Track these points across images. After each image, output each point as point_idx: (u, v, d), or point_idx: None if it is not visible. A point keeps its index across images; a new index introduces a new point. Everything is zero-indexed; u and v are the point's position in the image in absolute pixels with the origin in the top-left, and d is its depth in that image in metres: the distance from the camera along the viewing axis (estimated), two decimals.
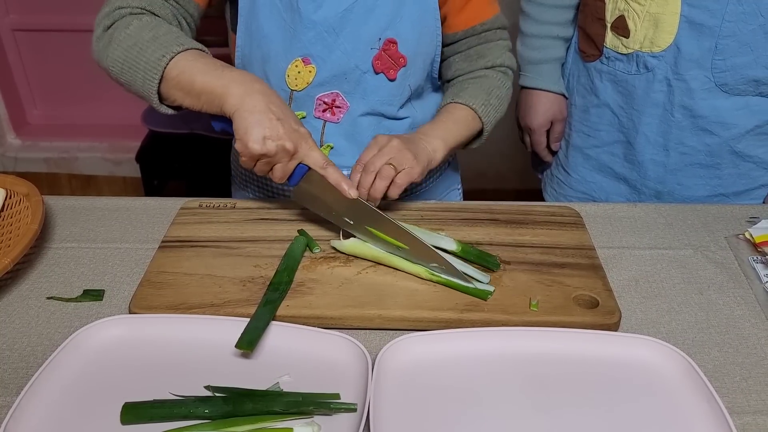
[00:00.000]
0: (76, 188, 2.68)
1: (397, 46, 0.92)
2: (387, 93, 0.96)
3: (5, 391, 0.66)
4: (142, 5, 0.83)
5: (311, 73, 0.93)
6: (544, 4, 1.15)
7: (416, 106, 1.02)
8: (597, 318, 0.74)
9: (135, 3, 0.82)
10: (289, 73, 0.93)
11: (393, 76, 0.94)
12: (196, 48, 0.81)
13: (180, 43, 0.79)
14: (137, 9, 0.83)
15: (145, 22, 0.81)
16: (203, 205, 0.94)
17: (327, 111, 0.96)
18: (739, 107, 1.04)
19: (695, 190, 1.13)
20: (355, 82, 0.94)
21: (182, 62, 0.79)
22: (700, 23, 1.00)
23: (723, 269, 0.85)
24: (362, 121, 0.97)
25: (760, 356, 0.72)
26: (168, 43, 0.79)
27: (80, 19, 2.44)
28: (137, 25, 0.81)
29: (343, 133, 0.98)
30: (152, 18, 0.83)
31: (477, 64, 0.98)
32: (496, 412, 0.63)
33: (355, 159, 0.87)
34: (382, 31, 0.91)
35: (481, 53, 0.98)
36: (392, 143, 0.84)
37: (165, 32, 0.81)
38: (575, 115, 1.21)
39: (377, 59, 0.92)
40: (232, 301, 0.75)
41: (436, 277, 0.78)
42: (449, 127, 0.92)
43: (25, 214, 0.85)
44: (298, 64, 0.92)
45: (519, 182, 2.32)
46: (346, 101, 0.95)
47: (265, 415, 0.62)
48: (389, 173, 0.82)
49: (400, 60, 0.93)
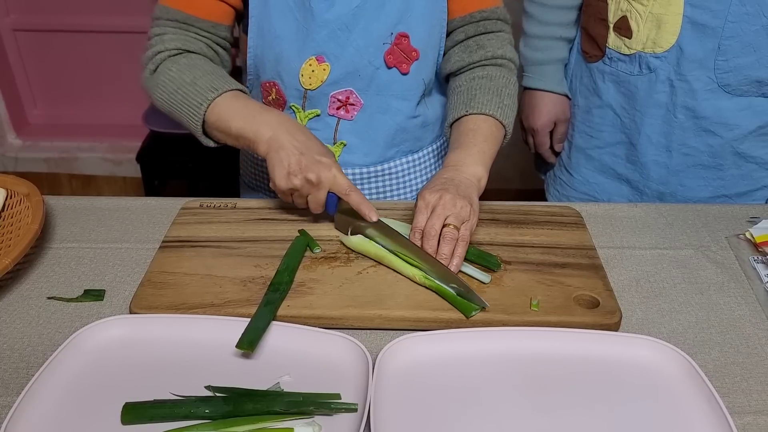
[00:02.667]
0: (77, 188, 2.68)
1: (409, 39, 0.92)
2: (401, 87, 0.96)
3: (5, 391, 0.66)
4: (177, 46, 0.89)
5: (325, 71, 0.93)
6: (547, 5, 1.15)
7: (428, 103, 1.02)
8: (598, 318, 0.73)
9: (171, 45, 0.89)
10: (303, 72, 0.93)
11: (406, 70, 0.94)
12: (231, 90, 0.86)
13: (215, 88, 0.85)
14: (174, 51, 0.89)
15: (183, 64, 0.88)
16: (204, 205, 0.93)
17: (341, 108, 0.97)
18: (741, 108, 1.04)
19: (698, 191, 1.13)
20: (368, 79, 0.94)
21: (219, 108, 0.85)
22: (702, 24, 0.99)
23: (724, 269, 0.84)
24: (376, 119, 0.98)
25: (760, 356, 0.72)
26: (205, 88, 0.85)
27: (80, 19, 2.45)
28: (176, 69, 0.87)
29: (356, 131, 0.98)
30: (189, 58, 0.89)
31: (477, 55, 0.95)
32: (497, 412, 0.63)
33: (367, 156, 0.87)
34: (394, 25, 0.91)
35: (480, 44, 0.95)
36: (444, 200, 0.79)
37: (202, 74, 0.87)
38: (578, 115, 1.21)
39: (389, 54, 0.92)
40: (233, 301, 0.75)
41: (429, 281, 0.77)
42: (483, 148, 0.87)
43: (26, 214, 0.85)
44: (312, 62, 0.93)
45: (520, 182, 2.32)
46: (360, 99, 0.96)
47: (266, 415, 0.62)
48: (453, 235, 0.78)
49: (412, 54, 0.93)
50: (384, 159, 1.02)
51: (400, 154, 1.03)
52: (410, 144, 1.03)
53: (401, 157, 1.03)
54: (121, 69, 2.52)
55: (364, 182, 1.03)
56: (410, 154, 1.04)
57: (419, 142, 1.04)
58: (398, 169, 1.04)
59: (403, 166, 1.04)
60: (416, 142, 1.04)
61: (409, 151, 1.04)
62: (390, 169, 1.03)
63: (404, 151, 1.03)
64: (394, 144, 1.01)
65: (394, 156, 1.03)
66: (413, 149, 1.04)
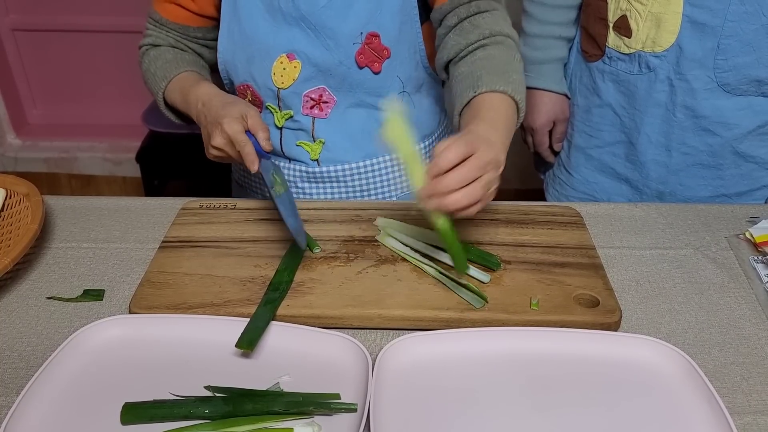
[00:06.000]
0: (76, 188, 2.68)
1: (380, 39, 0.91)
2: (374, 86, 0.95)
3: (5, 391, 0.66)
4: (150, 42, 1.00)
5: (296, 68, 0.93)
6: (547, 4, 1.15)
7: (415, 100, 1.01)
8: (598, 317, 0.73)
9: (147, 41, 1.01)
10: (275, 70, 0.94)
11: (378, 69, 0.93)
12: (178, 74, 0.95)
13: (165, 77, 0.95)
14: (149, 45, 1.00)
15: (151, 56, 0.99)
16: (204, 205, 0.94)
17: (315, 107, 0.97)
18: (741, 107, 1.04)
19: (697, 191, 1.13)
20: (340, 78, 0.94)
21: (169, 94, 0.95)
22: (702, 23, 0.99)
23: (723, 269, 0.84)
24: (351, 114, 0.98)
25: (760, 356, 0.72)
26: (160, 78, 0.96)
27: (80, 19, 2.45)
28: (147, 61, 0.99)
29: (333, 128, 0.98)
30: (156, 50, 0.99)
31: (473, 35, 0.87)
32: (497, 412, 0.63)
33: (348, 152, 0.87)
34: (363, 25, 0.90)
35: (475, 23, 0.88)
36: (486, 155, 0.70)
37: (162, 64, 0.97)
38: (577, 115, 1.21)
39: (360, 54, 0.92)
40: (233, 300, 0.75)
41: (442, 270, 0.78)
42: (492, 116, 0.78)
43: (25, 214, 0.85)
44: (284, 60, 0.93)
45: (519, 182, 2.31)
46: (333, 96, 0.96)
47: (266, 416, 0.62)
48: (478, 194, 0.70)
49: (383, 52, 0.92)
50: (366, 155, 1.01)
51: (382, 150, 1.02)
52: None
53: (384, 153, 1.03)
54: (121, 69, 2.52)
55: (347, 179, 1.03)
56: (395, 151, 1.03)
57: None
58: (382, 166, 1.03)
59: (388, 163, 1.04)
60: None
61: None
62: (373, 166, 1.03)
63: (387, 147, 1.02)
64: (373, 137, 1.00)
65: (376, 152, 1.02)
66: None
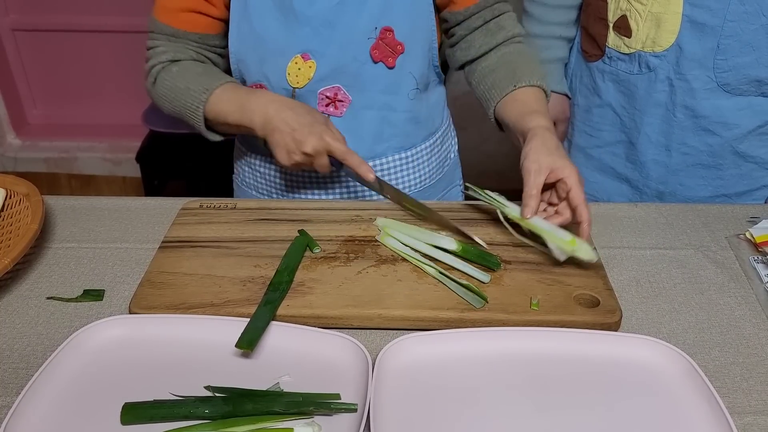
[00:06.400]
0: (76, 188, 2.68)
1: (393, 33, 0.92)
2: (388, 82, 0.96)
3: (5, 391, 0.66)
4: (169, 58, 0.94)
5: (311, 68, 0.93)
6: (547, 5, 1.15)
7: (422, 99, 1.02)
8: (598, 317, 0.73)
9: (164, 58, 0.94)
10: (289, 70, 0.93)
11: (392, 64, 0.94)
12: (221, 84, 0.91)
13: (206, 89, 0.90)
14: (166, 62, 0.94)
15: (175, 73, 0.93)
16: (204, 205, 0.93)
17: (330, 105, 0.97)
18: (741, 107, 1.04)
19: (697, 191, 1.13)
20: (354, 75, 0.94)
21: (213, 106, 0.90)
22: (702, 23, 0.99)
23: (724, 269, 0.84)
24: (365, 115, 0.98)
25: (760, 356, 0.72)
26: (198, 91, 0.90)
27: (80, 19, 2.45)
28: (170, 78, 0.93)
29: (345, 127, 0.98)
30: (180, 66, 0.94)
31: (500, 36, 0.97)
32: (497, 412, 0.63)
33: (356, 152, 0.87)
34: (377, 20, 0.91)
35: (500, 24, 0.98)
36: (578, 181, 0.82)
37: (193, 77, 0.92)
38: (578, 115, 1.21)
39: (375, 48, 0.92)
40: (232, 301, 0.75)
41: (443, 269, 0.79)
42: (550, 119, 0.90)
43: (25, 214, 0.85)
44: (298, 60, 0.93)
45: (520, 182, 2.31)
46: (347, 95, 0.96)
47: (266, 416, 0.62)
48: None
49: (397, 47, 0.93)
50: (374, 155, 1.02)
51: (390, 150, 1.03)
52: (400, 140, 1.03)
53: (392, 153, 1.03)
54: (121, 69, 2.53)
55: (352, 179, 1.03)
56: (402, 151, 1.04)
57: (410, 138, 1.04)
58: (389, 166, 1.04)
59: (395, 163, 1.04)
60: (406, 138, 1.03)
61: (400, 147, 1.03)
62: (381, 166, 1.03)
63: (395, 148, 1.03)
64: (383, 140, 1.01)
65: (385, 152, 1.03)
66: (404, 146, 1.04)
